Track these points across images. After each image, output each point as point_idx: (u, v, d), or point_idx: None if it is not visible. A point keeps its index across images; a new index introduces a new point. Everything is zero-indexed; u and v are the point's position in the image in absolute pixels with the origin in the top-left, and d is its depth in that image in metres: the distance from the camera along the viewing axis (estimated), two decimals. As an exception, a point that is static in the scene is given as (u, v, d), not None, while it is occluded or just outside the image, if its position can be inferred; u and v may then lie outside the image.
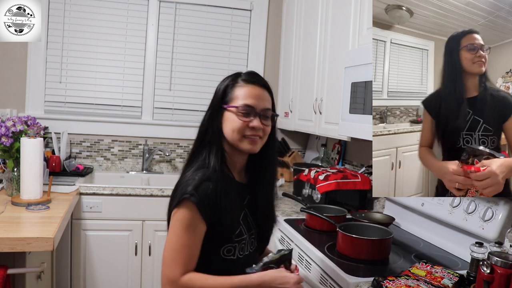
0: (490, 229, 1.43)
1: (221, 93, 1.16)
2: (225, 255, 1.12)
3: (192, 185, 1.06)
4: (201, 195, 1.05)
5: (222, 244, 1.11)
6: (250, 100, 1.13)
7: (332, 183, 2.13)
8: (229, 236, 1.11)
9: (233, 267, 1.14)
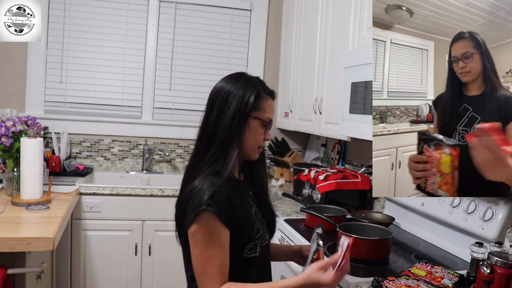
0: (490, 229, 1.43)
1: (252, 101, 1.12)
2: (248, 254, 1.12)
3: (207, 195, 1.03)
4: (217, 203, 1.04)
5: (245, 245, 1.11)
6: (271, 114, 1.17)
7: (332, 183, 2.13)
8: (250, 235, 1.12)
9: (255, 263, 1.15)
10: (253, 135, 1.14)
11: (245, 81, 1.15)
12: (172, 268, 2.63)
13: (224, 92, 1.13)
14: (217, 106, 1.12)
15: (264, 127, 1.15)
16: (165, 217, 2.61)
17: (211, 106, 1.14)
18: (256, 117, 1.13)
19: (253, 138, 1.14)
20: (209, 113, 1.14)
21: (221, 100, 1.12)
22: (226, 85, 1.14)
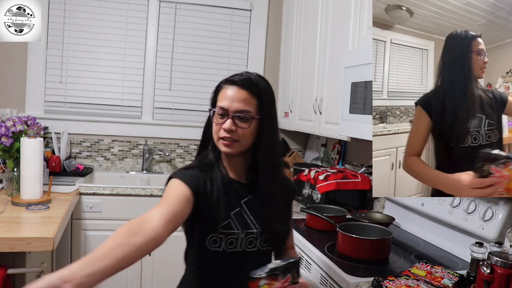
0: (490, 229, 1.43)
1: (212, 96, 1.20)
2: (211, 245, 1.12)
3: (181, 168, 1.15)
4: (186, 174, 1.11)
5: (207, 233, 1.12)
6: (224, 102, 1.14)
7: (332, 183, 2.13)
8: (215, 225, 1.11)
9: (222, 260, 1.14)
10: (213, 127, 1.18)
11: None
12: (172, 268, 2.62)
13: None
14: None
15: (219, 117, 1.15)
16: (165, 217, 2.61)
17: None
18: (213, 110, 1.17)
19: (213, 130, 1.18)
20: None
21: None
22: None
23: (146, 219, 0.96)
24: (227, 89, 1.15)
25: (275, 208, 1.21)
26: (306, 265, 1.61)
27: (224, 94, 1.15)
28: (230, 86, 1.15)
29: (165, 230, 0.96)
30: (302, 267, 1.64)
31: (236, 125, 1.13)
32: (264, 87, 1.19)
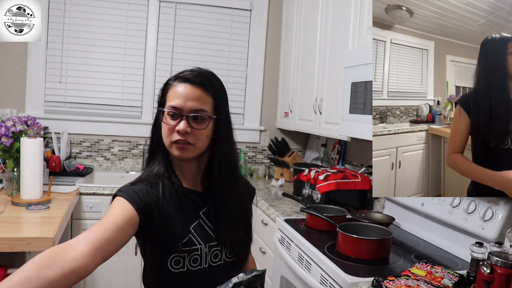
0: (490, 229, 1.43)
1: (159, 94, 1.04)
2: (174, 267, 1.00)
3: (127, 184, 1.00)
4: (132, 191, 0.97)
5: (168, 254, 1.00)
6: (176, 100, 0.99)
7: (332, 183, 2.13)
8: (175, 244, 0.99)
9: (187, 280, 1.02)
10: (163, 129, 1.02)
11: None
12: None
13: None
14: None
15: (170, 118, 1.00)
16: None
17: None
18: (162, 110, 1.02)
19: (163, 132, 1.02)
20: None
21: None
22: None
23: (71, 245, 0.82)
24: (178, 87, 1.00)
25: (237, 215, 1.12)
26: (306, 265, 1.61)
27: (175, 92, 1.00)
28: (182, 83, 1.00)
29: (92, 259, 0.82)
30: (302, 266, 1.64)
31: (191, 126, 0.99)
32: (219, 85, 1.07)
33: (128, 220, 0.92)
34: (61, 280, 0.77)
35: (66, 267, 0.78)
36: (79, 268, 0.79)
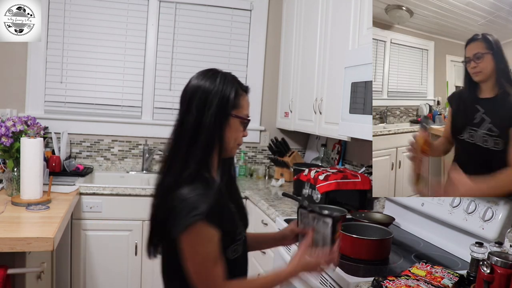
0: (490, 229, 1.43)
1: (232, 99, 1.08)
2: (232, 255, 1.11)
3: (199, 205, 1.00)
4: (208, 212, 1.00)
5: (228, 246, 1.09)
6: (248, 111, 1.15)
7: (332, 183, 2.13)
8: (234, 236, 1.11)
9: (238, 264, 1.15)
10: (233, 134, 1.11)
11: (222, 78, 1.10)
12: (172, 268, 2.63)
13: (201, 91, 1.08)
14: (195, 106, 1.07)
15: (243, 125, 1.13)
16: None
17: (188, 106, 1.08)
18: (236, 115, 1.09)
19: (233, 136, 1.11)
20: (186, 113, 1.08)
21: (200, 100, 1.07)
22: (203, 83, 1.09)
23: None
24: (246, 97, 1.14)
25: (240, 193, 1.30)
26: (306, 265, 1.61)
27: (246, 102, 1.14)
28: (246, 95, 1.15)
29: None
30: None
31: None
32: None
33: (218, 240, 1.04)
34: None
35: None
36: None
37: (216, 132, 1.06)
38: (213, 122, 1.05)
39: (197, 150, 1.05)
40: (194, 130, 1.06)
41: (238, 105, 1.10)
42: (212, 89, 1.07)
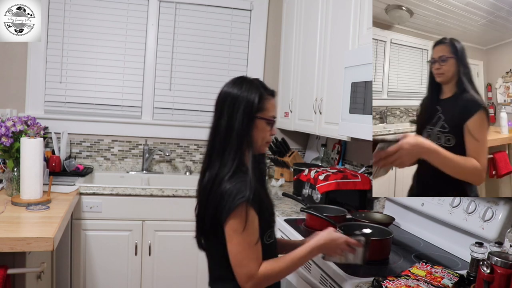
0: (490, 229, 1.43)
1: (256, 103, 1.23)
2: (267, 240, 1.26)
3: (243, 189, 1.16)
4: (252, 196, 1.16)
5: (265, 231, 1.24)
6: (274, 112, 1.29)
7: (332, 183, 2.13)
8: (270, 222, 1.27)
9: (273, 249, 1.31)
10: (260, 134, 1.26)
11: (248, 85, 1.25)
12: (172, 268, 2.63)
13: (230, 98, 1.24)
14: (226, 112, 1.23)
15: (269, 125, 1.27)
16: (165, 217, 2.61)
17: (221, 112, 1.25)
18: (261, 117, 1.25)
19: (261, 136, 1.26)
20: (219, 118, 1.25)
21: (230, 106, 1.23)
22: (232, 90, 1.25)
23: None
24: (273, 101, 1.29)
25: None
26: (306, 265, 1.61)
27: (273, 104, 1.28)
28: (273, 98, 1.29)
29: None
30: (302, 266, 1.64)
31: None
32: None
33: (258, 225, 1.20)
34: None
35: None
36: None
37: (245, 133, 1.22)
38: (241, 124, 1.22)
39: (231, 149, 1.22)
40: (226, 132, 1.23)
41: (263, 107, 1.25)
42: (239, 95, 1.23)
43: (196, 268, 2.64)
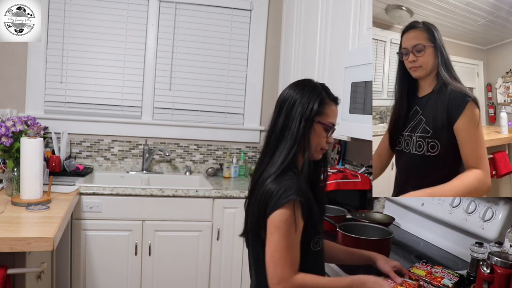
0: (490, 229, 1.43)
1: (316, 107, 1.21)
2: (314, 247, 1.21)
3: (294, 187, 1.13)
4: (302, 194, 1.13)
5: (312, 237, 1.20)
6: (334, 119, 1.25)
7: (332, 183, 2.13)
8: (317, 229, 1.21)
9: (320, 257, 1.25)
10: (316, 138, 1.22)
11: (310, 88, 1.24)
12: (172, 268, 2.63)
13: (291, 99, 1.22)
14: (284, 112, 1.22)
15: (326, 131, 1.23)
16: (165, 217, 2.61)
17: (279, 111, 1.23)
18: (319, 122, 1.21)
19: (316, 141, 1.22)
20: (277, 117, 1.23)
21: (288, 106, 1.22)
22: (293, 92, 1.24)
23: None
24: (334, 108, 1.25)
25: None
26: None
27: (332, 111, 1.24)
28: (335, 105, 1.26)
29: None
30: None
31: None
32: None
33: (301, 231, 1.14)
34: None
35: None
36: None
37: (300, 135, 1.19)
38: (298, 126, 1.19)
39: (283, 149, 1.19)
40: (281, 132, 1.21)
41: (322, 112, 1.22)
42: (299, 97, 1.22)
43: (196, 268, 2.64)
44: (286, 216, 1.10)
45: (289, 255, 1.10)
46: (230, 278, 2.69)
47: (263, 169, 1.21)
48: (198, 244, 2.64)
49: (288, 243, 1.10)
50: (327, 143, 1.25)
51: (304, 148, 1.19)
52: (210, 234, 2.66)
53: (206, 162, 3.30)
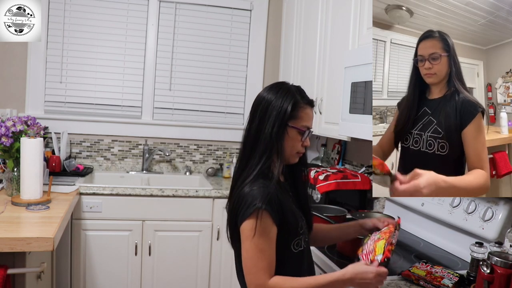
0: (490, 229, 1.43)
1: (289, 111, 1.19)
2: (295, 248, 1.21)
3: (259, 196, 1.13)
4: (269, 202, 1.12)
5: (292, 239, 1.20)
6: (309, 122, 1.23)
7: (332, 183, 2.13)
8: (296, 230, 1.20)
9: (302, 257, 1.24)
10: (291, 143, 1.21)
11: (284, 91, 1.21)
12: (172, 268, 2.63)
13: (264, 102, 1.21)
14: (258, 115, 1.20)
15: (301, 135, 1.21)
16: (165, 217, 2.61)
17: (253, 115, 1.22)
18: (293, 126, 1.20)
19: (290, 145, 1.21)
20: (251, 121, 1.22)
21: (262, 110, 1.20)
22: (267, 95, 1.22)
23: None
24: (309, 110, 1.23)
25: (308, 197, 1.37)
26: (306, 265, 1.61)
27: (308, 114, 1.22)
28: (310, 108, 1.23)
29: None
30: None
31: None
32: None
33: (275, 236, 1.14)
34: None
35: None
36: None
37: (274, 140, 1.17)
38: (271, 131, 1.17)
39: (257, 154, 1.19)
40: (255, 136, 1.20)
41: (296, 116, 1.20)
42: (272, 100, 1.20)
43: (196, 268, 2.64)
44: (253, 225, 1.10)
45: (261, 262, 1.10)
46: (230, 278, 2.69)
47: (239, 174, 1.21)
48: (198, 244, 2.65)
49: (259, 249, 1.10)
50: (303, 146, 1.23)
51: (278, 153, 1.18)
52: (210, 234, 2.66)
53: (206, 162, 3.30)
